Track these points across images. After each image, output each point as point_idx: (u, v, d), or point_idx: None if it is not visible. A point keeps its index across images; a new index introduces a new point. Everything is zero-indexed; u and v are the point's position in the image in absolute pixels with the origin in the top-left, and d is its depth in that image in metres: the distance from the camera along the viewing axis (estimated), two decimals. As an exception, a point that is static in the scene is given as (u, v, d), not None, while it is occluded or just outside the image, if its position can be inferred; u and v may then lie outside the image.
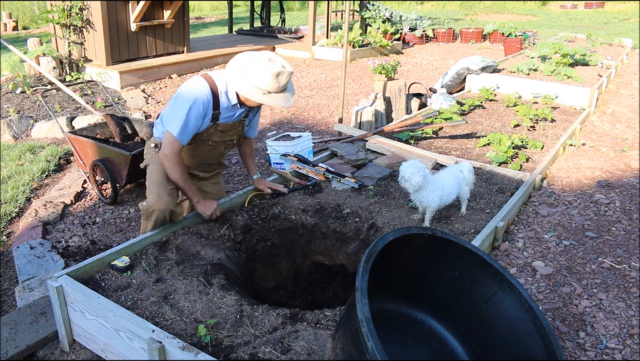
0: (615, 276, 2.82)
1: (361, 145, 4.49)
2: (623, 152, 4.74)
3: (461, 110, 5.69)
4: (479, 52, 10.37)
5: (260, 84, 2.61)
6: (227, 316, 2.23)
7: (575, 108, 6.11)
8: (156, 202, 2.86)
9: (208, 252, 2.75)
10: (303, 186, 3.52)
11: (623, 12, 17.91)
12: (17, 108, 6.15)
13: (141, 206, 2.91)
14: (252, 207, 3.30)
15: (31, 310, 2.60)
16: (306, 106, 6.80)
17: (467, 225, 3.08)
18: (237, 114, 2.91)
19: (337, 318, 2.25)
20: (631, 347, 2.28)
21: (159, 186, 2.91)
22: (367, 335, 1.40)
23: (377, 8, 11.26)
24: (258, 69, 2.60)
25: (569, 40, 10.43)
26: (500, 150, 4.34)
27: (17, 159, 4.93)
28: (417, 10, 13.78)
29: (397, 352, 1.92)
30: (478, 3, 20.68)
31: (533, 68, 7.24)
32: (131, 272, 2.55)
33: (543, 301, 2.63)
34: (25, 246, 3.34)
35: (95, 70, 7.21)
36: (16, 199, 4.12)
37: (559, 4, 20.51)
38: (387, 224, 3.10)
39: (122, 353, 2.18)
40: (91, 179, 4.17)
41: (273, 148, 4.27)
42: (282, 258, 3.21)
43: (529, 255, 3.03)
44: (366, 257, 1.62)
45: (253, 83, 2.62)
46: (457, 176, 3.09)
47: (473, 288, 1.97)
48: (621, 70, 8.51)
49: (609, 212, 3.54)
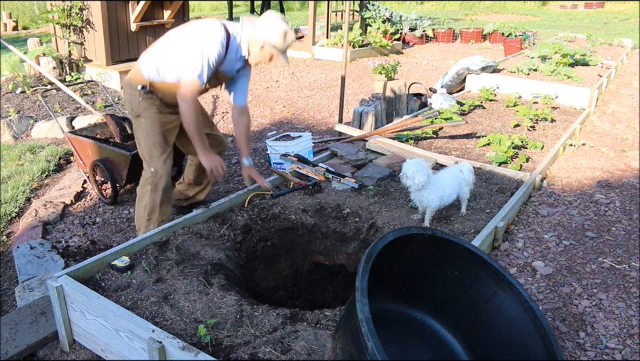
0: (615, 276, 2.82)
1: (360, 145, 4.49)
2: (622, 152, 4.74)
3: (461, 110, 5.69)
4: (479, 52, 10.37)
5: (271, 38, 2.76)
6: (227, 316, 2.23)
7: (575, 108, 6.11)
8: (162, 167, 2.82)
9: (208, 252, 2.75)
10: (303, 186, 3.52)
11: (622, 12, 17.91)
12: (17, 108, 6.15)
13: (146, 175, 2.83)
14: (252, 207, 3.30)
15: (31, 310, 2.60)
16: (306, 106, 6.80)
17: (466, 225, 3.08)
18: (235, 67, 2.97)
19: (336, 318, 2.25)
20: (630, 347, 2.28)
21: (160, 148, 2.83)
22: (367, 335, 1.40)
23: (377, 8, 11.26)
24: (271, 24, 2.76)
25: (568, 41, 10.42)
26: (500, 150, 4.34)
27: (17, 159, 4.93)
28: (417, 11, 13.78)
29: (397, 352, 1.92)
30: (478, 3, 20.67)
31: (533, 68, 7.24)
32: (130, 272, 2.55)
33: (543, 301, 2.63)
34: (24, 246, 3.34)
35: (94, 70, 7.21)
36: (16, 199, 4.12)
37: (559, 4, 20.51)
38: (387, 224, 3.10)
39: (122, 353, 2.17)
40: (91, 179, 4.17)
41: (273, 148, 4.27)
42: (282, 258, 3.21)
43: (529, 255, 3.03)
44: (366, 257, 1.62)
45: (264, 37, 2.78)
46: (457, 177, 3.09)
47: (473, 288, 1.97)
48: (621, 70, 8.51)
49: (609, 212, 3.54)
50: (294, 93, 7.35)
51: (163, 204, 3.02)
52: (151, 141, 2.86)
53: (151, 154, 2.86)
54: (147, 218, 3.03)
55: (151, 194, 2.88)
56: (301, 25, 12.57)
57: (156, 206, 2.98)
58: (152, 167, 2.85)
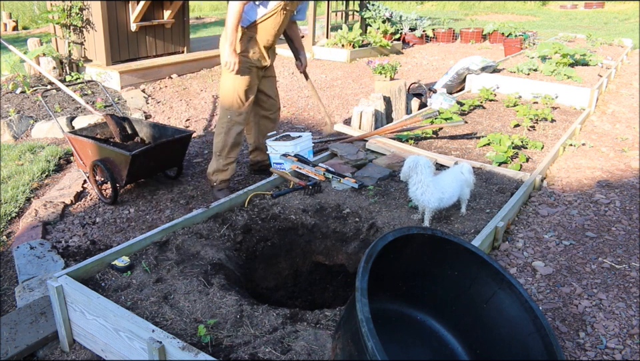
0: (615, 276, 2.82)
1: (360, 145, 4.49)
2: (622, 152, 4.74)
3: (461, 110, 5.69)
4: (479, 52, 10.37)
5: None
6: (227, 316, 2.23)
7: (575, 108, 6.11)
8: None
9: (208, 252, 2.75)
10: (303, 186, 3.52)
11: (622, 12, 17.91)
12: (17, 108, 6.15)
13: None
14: (252, 207, 3.30)
15: (31, 310, 2.60)
16: (306, 106, 6.81)
17: (466, 225, 3.08)
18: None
19: (336, 318, 2.25)
20: (630, 347, 2.28)
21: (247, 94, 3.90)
22: (367, 335, 1.40)
23: (377, 9, 11.26)
24: None
25: (568, 41, 10.42)
26: (500, 150, 4.34)
27: (17, 159, 4.93)
28: (417, 11, 13.78)
29: (397, 352, 1.92)
30: (478, 3, 20.68)
31: (533, 68, 7.24)
32: (130, 272, 2.55)
33: (543, 301, 2.63)
34: (24, 246, 3.34)
35: (94, 70, 7.21)
36: (16, 199, 4.12)
37: (559, 4, 20.51)
38: (387, 224, 3.10)
39: (122, 353, 2.18)
40: (91, 179, 4.17)
41: (273, 148, 4.26)
42: (282, 258, 3.21)
43: (529, 255, 3.03)
44: (366, 257, 1.62)
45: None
46: (458, 178, 3.08)
47: (473, 288, 1.97)
48: (621, 70, 8.51)
49: (609, 212, 3.54)
50: (294, 93, 7.35)
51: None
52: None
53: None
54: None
55: (223, 136, 4.00)
56: (301, 25, 12.56)
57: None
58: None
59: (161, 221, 3.79)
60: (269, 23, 3.75)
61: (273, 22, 3.75)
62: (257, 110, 4.29)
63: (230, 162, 4.00)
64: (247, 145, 4.81)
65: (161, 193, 4.25)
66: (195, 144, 5.41)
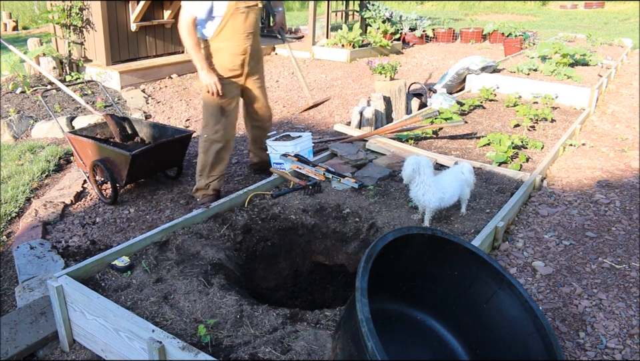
0: (615, 276, 2.82)
1: (360, 145, 4.49)
2: (623, 152, 4.74)
3: (461, 110, 5.69)
4: (479, 52, 10.37)
5: None
6: (227, 316, 2.23)
7: (575, 108, 6.11)
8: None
9: (208, 252, 2.75)
10: (303, 186, 3.52)
11: (622, 12, 17.91)
12: (17, 108, 6.15)
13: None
14: (252, 207, 3.30)
15: (31, 310, 2.60)
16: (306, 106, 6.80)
17: (466, 225, 3.08)
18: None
19: (336, 318, 2.25)
20: (630, 347, 2.28)
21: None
22: (367, 335, 1.40)
23: (377, 9, 11.25)
24: None
25: (568, 41, 10.42)
26: (500, 150, 4.34)
27: (17, 159, 4.93)
28: (417, 11, 13.78)
29: (397, 352, 1.92)
30: (478, 3, 20.67)
31: (532, 68, 7.23)
32: (130, 272, 2.55)
33: (543, 301, 2.63)
34: (24, 246, 3.34)
35: (94, 70, 7.21)
36: (16, 199, 4.12)
37: (559, 4, 20.51)
38: (387, 224, 3.10)
39: (122, 353, 2.18)
40: (91, 179, 4.17)
41: (272, 148, 4.26)
42: (282, 258, 3.21)
43: (529, 255, 3.03)
44: (366, 257, 1.62)
45: None
46: (459, 178, 3.08)
47: (473, 288, 1.97)
48: (621, 70, 8.50)
49: (609, 212, 3.54)
50: (294, 93, 7.35)
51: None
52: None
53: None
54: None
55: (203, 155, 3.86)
56: (301, 25, 12.57)
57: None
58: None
59: (161, 221, 3.79)
60: (232, 28, 3.56)
61: (236, 25, 3.56)
62: (247, 120, 4.28)
63: (212, 180, 3.85)
64: (246, 145, 4.81)
65: (160, 193, 4.25)
66: (195, 144, 5.41)
